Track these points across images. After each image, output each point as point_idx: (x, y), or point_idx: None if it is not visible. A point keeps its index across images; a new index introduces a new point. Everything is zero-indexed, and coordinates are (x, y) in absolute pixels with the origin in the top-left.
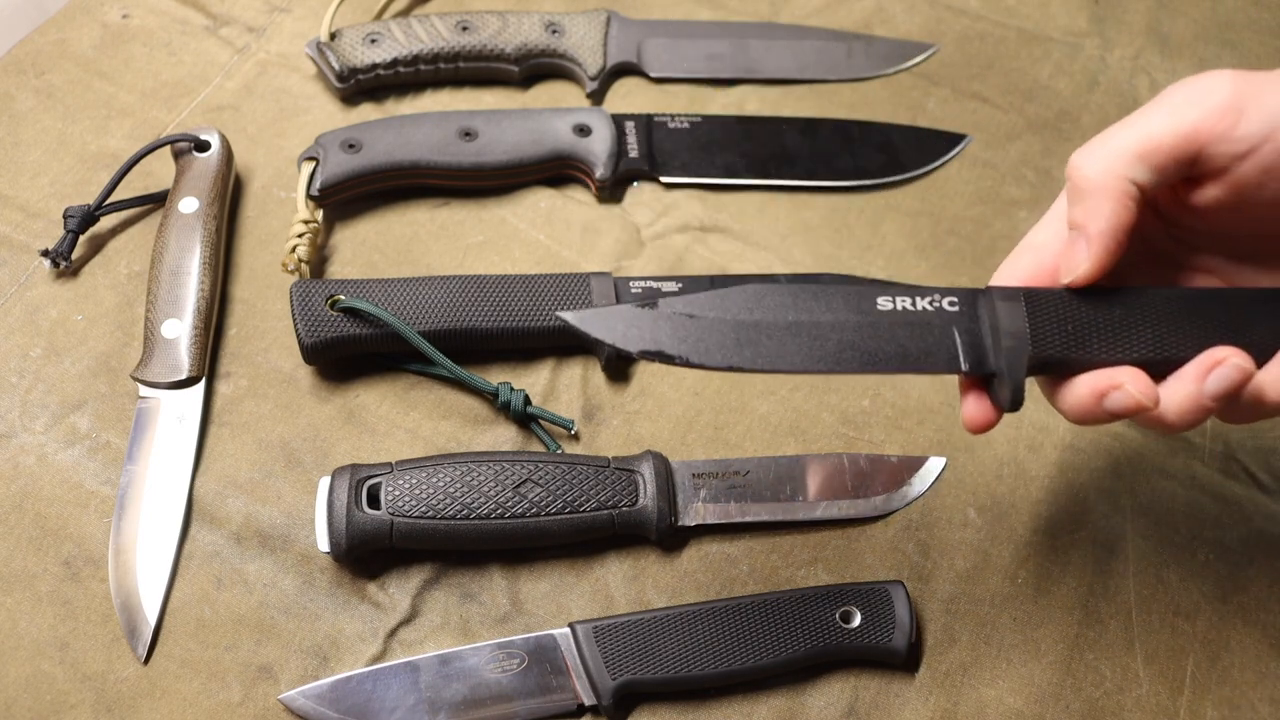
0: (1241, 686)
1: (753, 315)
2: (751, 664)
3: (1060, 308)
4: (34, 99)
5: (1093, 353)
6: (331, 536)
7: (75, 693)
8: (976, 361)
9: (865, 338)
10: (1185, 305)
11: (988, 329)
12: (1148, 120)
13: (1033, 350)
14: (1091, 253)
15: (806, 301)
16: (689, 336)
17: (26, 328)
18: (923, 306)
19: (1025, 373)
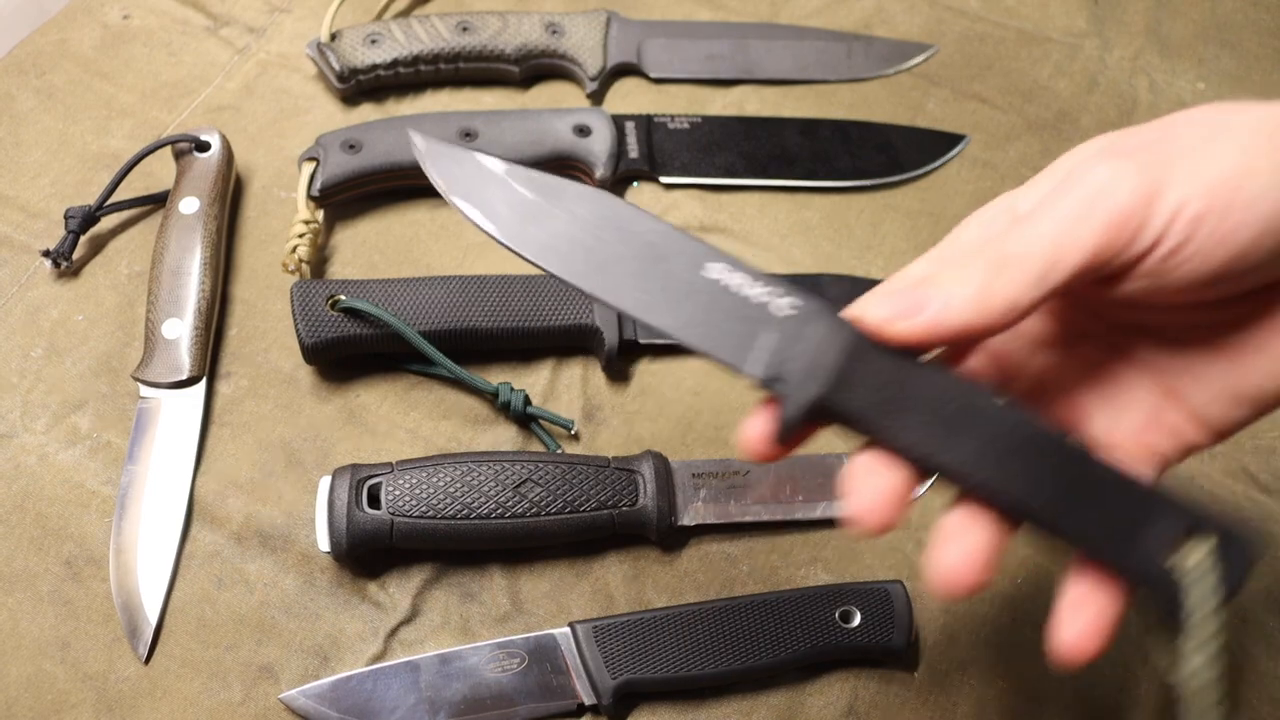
0: (1241, 688)
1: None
2: (751, 664)
3: (889, 365)
4: (35, 99)
5: (894, 431)
6: (332, 536)
7: (76, 692)
8: (768, 376)
9: (675, 294)
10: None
11: (802, 349)
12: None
13: (827, 391)
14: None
15: (639, 230)
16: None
17: (28, 328)
18: (754, 294)
19: (804, 415)
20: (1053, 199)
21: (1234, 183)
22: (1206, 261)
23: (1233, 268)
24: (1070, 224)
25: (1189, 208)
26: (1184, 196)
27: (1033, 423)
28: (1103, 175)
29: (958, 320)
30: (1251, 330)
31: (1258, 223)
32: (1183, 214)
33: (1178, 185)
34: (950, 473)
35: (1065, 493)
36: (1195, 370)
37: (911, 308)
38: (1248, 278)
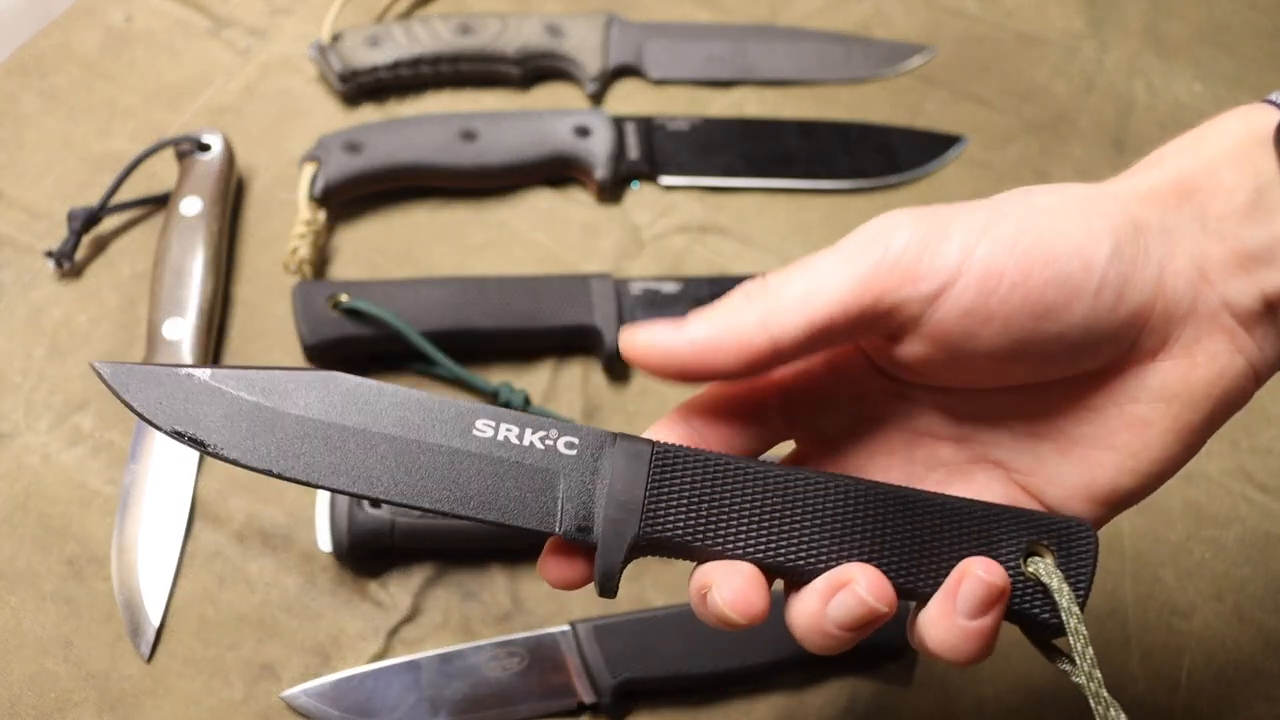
0: (1238, 685)
1: (317, 412)
2: (751, 663)
3: (697, 479)
4: (38, 101)
5: (724, 542)
6: (333, 535)
7: (79, 690)
8: (578, 528)
9: (448, 467)
10: (871, 505)
11: (600, 487)
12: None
13: (641, 530)
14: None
15: (388, 408)
16: (234, 422)
17: (30, 328)
18: (530, 441)
19: (624, 557)
20: (833, 247)
21: (1034, 239)
22: (1011, 323)
23: (1042, 328)
24: (835, 262)
25: (984, 260)
26: (972, 247)
27: (853, 487)
28: (880, 223)
29: (705, 334)
30: (1096, 424)
31: (1060, 281)
32: (975, 264)
33: (962, 236)
34: (788, 569)
35: (917, 550)
36: (1047, 470)
37: (670, 326)
38: (1062, 355)
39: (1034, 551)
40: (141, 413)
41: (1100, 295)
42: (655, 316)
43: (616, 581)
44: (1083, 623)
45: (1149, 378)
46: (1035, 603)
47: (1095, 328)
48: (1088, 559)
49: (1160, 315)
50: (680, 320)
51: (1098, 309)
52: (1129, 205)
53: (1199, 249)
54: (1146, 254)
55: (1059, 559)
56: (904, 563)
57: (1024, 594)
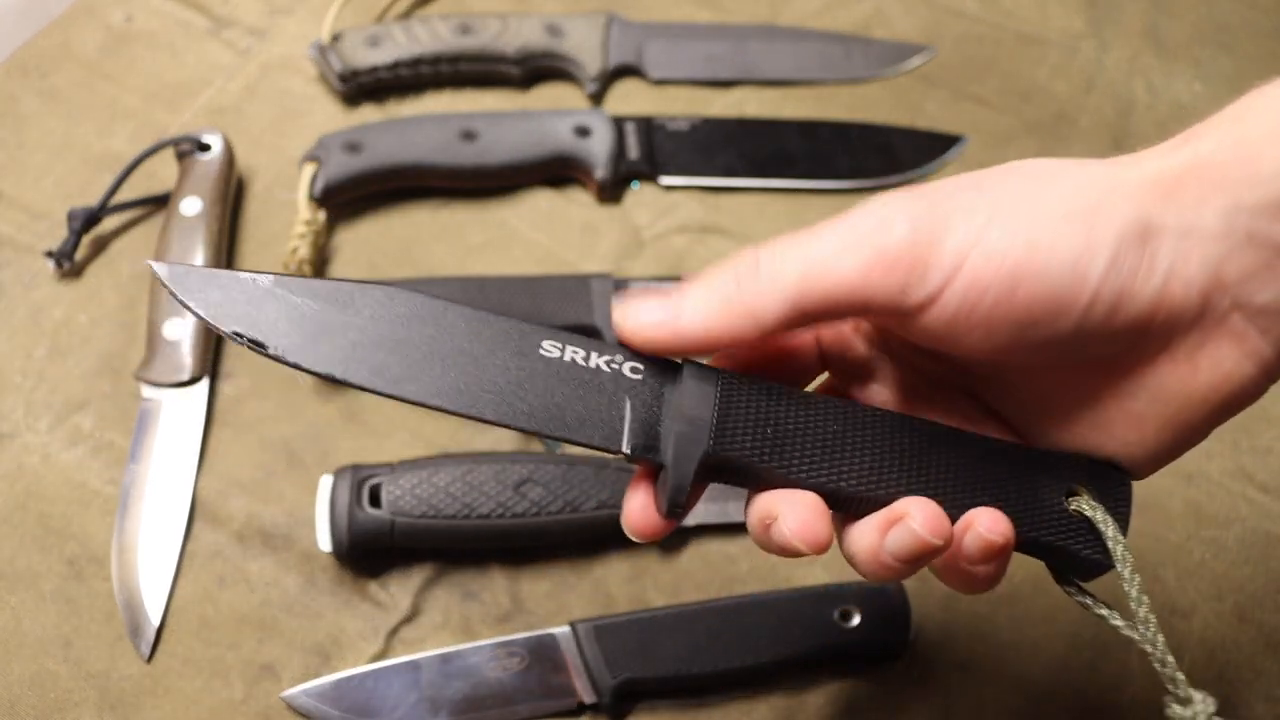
0: (1238, 685)
1: (385, 323)
2: (751, 663)
3: (762, 404)
4: (38, 101)
5: (789, 467)
6: (333, 535)
7: (79, 690)
8: (644, 445)
9: (515, 384)
10: (921, 440)
11: (668, 410)
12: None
13: (711, 446)
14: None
15: (455, 322)
16: (300, 328)
17: (30, 328)
18: (596, 364)
19: (694, 473)
20: (833, 224)
21: (1024, 250)
22: (995, 329)
23: (1025, 337)
24: (835, 254)
25: (970, 273)
26: (963, 257)
27: (909, 422)
28: (880, 213)
29: (700, 330)
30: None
31: (1048, 295)
32: (962, 277)
33: (956, 242)
34: (847, 495)
35: (965, 485)
36: (1046, 439)
37: (666, 317)
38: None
39: (1073, 491)
40: (200, 313)
41: (1091, 309)
42: None
43: (685, 498)
44: (1129, 550)
45: (1148, 378)
46: (1079, 539)
47: (1085, 337)
48: (1124, 501)
49: (1161, 323)
50: (671, 301)
51: (1089, 321)
52: (1147, 200)
53: (1219, 250)
54: (1152, 262)
55: (1097, 497)
56: (956, 496)
57: (1068, 530)
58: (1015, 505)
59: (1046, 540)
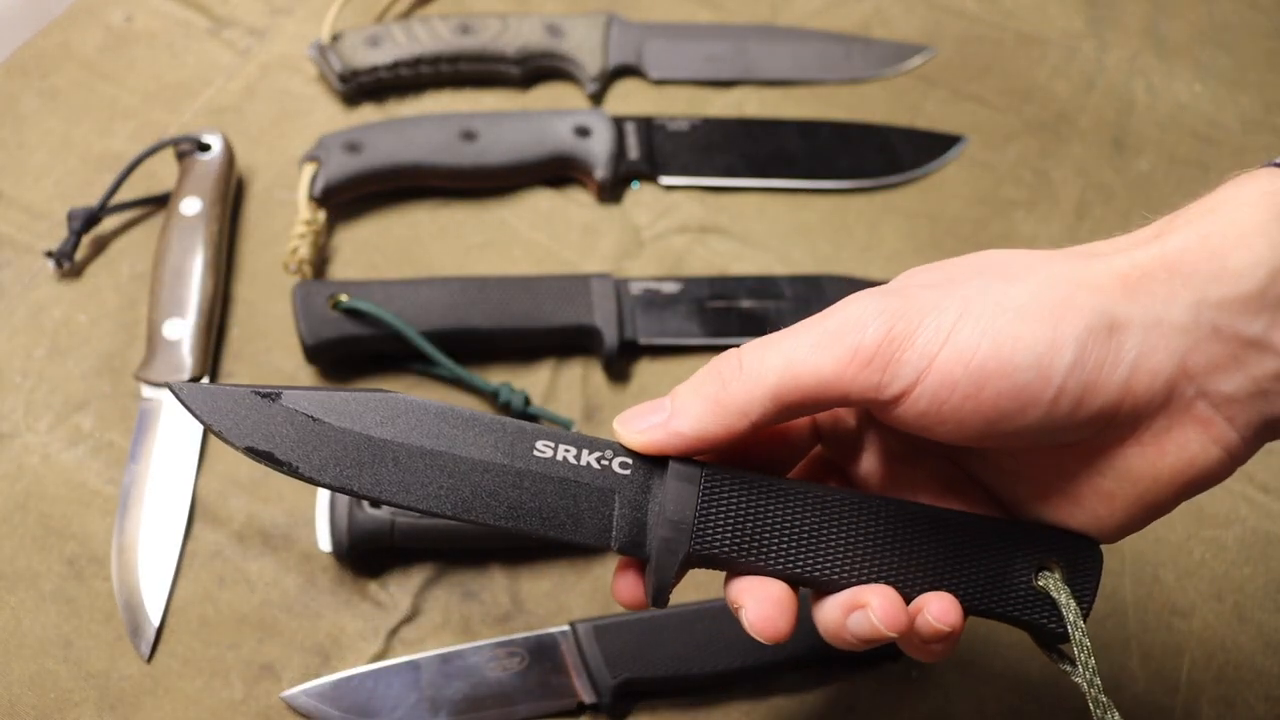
0: (1237, 685)
1: (385, 432)
2: (751, 663)
3: (742, 501)
4: (38, 101)
5: (764, 560)
6: (333, 536)
7: (79, 690)
8: (631, 542)
9: (510, 486)
10: (895, 523)
11: (654, 508)
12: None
13: (691, 547)
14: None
15: (451, 429)
16: (306, 441)
17: (30, 328)
18: (587, 462)
19: (676, 572)
20: (810, 322)
21: (995, 356)
22: (965, 422)
23: (995, 429)
24: (812, 350)
25: (939, 372)
26: (933, 356)
27: (883, 506)
28: (855, 312)
29: (693, 430)
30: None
31: (1014, 392)
32: (932, 375)
33: (927, 342)
34: (819, 581)
35: (934, 566)
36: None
37: (659, 421)
38: (1022, 443)
39: (1044, 566)
40: (219, 432)
41: (1057, 403)
42: (655, 316)
43: (668, 594)
44: (1086, 635)
45: (1116, 460)
46: (1043, 614)
47: (1051, 428)
48: (1093, 574)
49: (1128, 412)
50: (665, 409)
51: (1055, 414)
52: (1114, 295)
53: (1185, 343)
54: (1117, 356)
55: (1066, 574)
56: (924, 576)
57: (1033, 605)
58: (984, 583)
59: (1013, 615)
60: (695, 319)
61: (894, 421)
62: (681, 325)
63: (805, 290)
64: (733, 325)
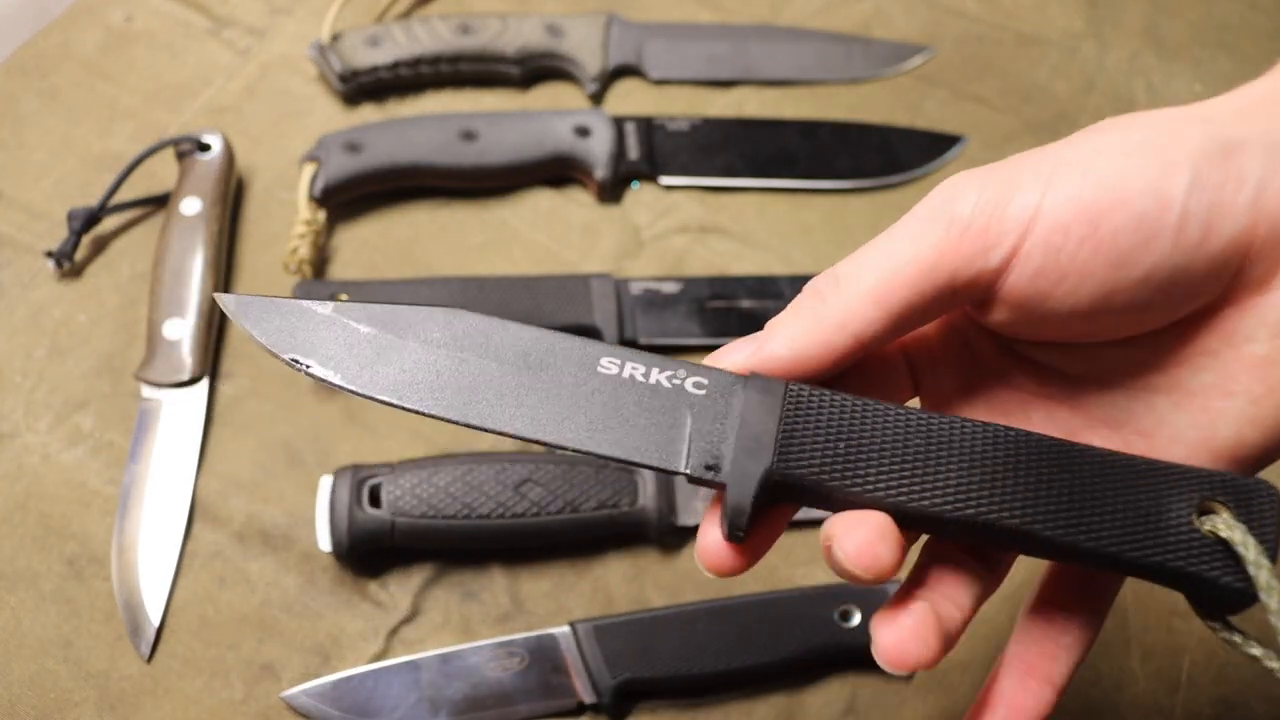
0: (1237, 685)
1: (444, 348)
2: (751, 663)
3: (834, 417)
4: (38, 101)
5: (864, 486)
6: (333, 536)
7: (79, 690)
8: (705, 465)
9: (574, 405)
10: (1020, 454)
11: (731, 426)
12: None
13: (774, 465)
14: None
15: (511, 341)
16: (356, 354)
17: (30, 328)
18: (657, 380)
19: (755, 492)
20: (901, 220)
21: (1098, 184)
22: (1089, 270)
23: (1123, 275)
24: (907, 240)
25: (1047, 217)
26: (1036, 205)
27: (1004, 434)
28: (945, 191)
29: (789, 350)
30: (1212, 369)
31: (1134, 223)
32: (1039, 223)
33: (1028, 190)
34: (933, 516)
35: (1074, 504)
36: (1166, 427)
37: (752, 349)
38: (1151, 292)
39: (1208, 509)
40: (263, 341)
41: (1183, 231)
42: (655, 316)
43: (746, 519)
44: (1275, 578)
45: (1265, 311)
46: (1214, 564)
47: (1184, 266)
48: (1271, 518)
49: (1266, 240)
50: (759, 338)
51: (1182, 246)
52: (1221, 126)
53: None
54: (1239, 176)
55: (1237, 516)
56: (1062, 516)
57: (1199, 555)
58: (1135, 525)
59: (1174, 566)
60: (695, 319)
61: (1010, 305)
62: (681, 325)
63: None
64: (733, 325)
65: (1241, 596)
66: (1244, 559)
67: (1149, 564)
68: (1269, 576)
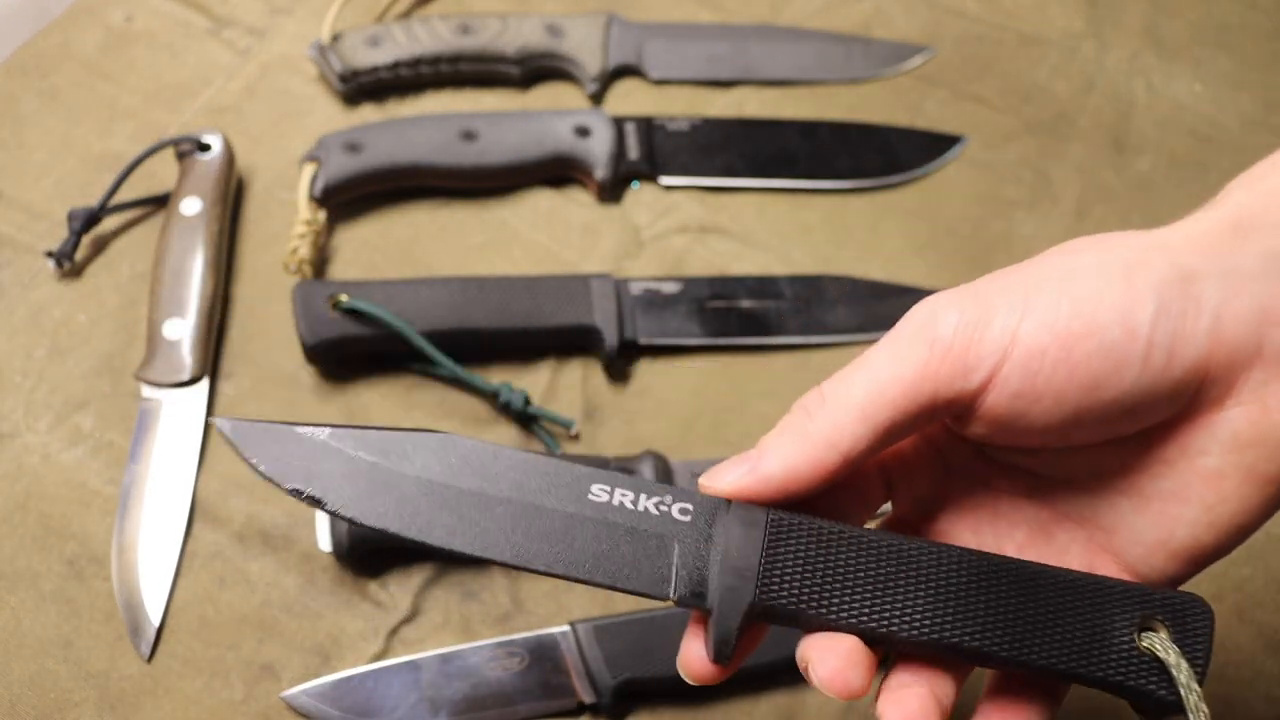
0: (1238, 685)
1: (439, 476)
2: (751, 663)
3: (811, 548)
4: (38, 101)
5: (837, 613)
6: (333, 536)
7: (79, 690)
8: (691, 593)
9: (565, 532)
10: (981, 576)
11: (715, 555)
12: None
13: (757, 596)
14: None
15: (505, 469)
16: (355, 483)
17: (31, 328)
18: (645, 508)
19: (740, 623)
20: (882, 340)
21: (1072, 312)
22: (1062, 395)
23: (1093, 399)
24: (890, 360)
25: (1024, 342)
26: (1014, 329)
27: (966, 558)
28: (924, 313)
29: (781, 468)
30: (1170, 477)
31: (1105, 352)
32: (1017, 347)
33: (1006, 314)
34: (897, 640)
35: (1024, 623)
36: (1126, 527)
37: (746, 468)
38: (1117, 414)
39: (1148, 626)
40: (263, 471)
41: (1150, 358)
42: (655, 316)
43: (732, 648)
44: (1203, 700)
45: (1218, 428)
46: (1150, 679)
47: (1150, 390)
48: (1204, 635)
49: (1221, 364)
50: (752, 457)
51: (1149, 372)
52: (1180, 254)
53: (1263, 288)
54: (1199, 305)
55: (1174, 634)
56: (1017, 637)
57: (1137, 669)
58: (1081, 643)
59: (1116, 680)
60: (695, 319)
61: (986, 421)
62: (681, 325)
63: (805, 290)
64: (733, 325)
65: (1175, 708)
66: (1176, 680)
67: (1094, 678)
68: (1197, 700)
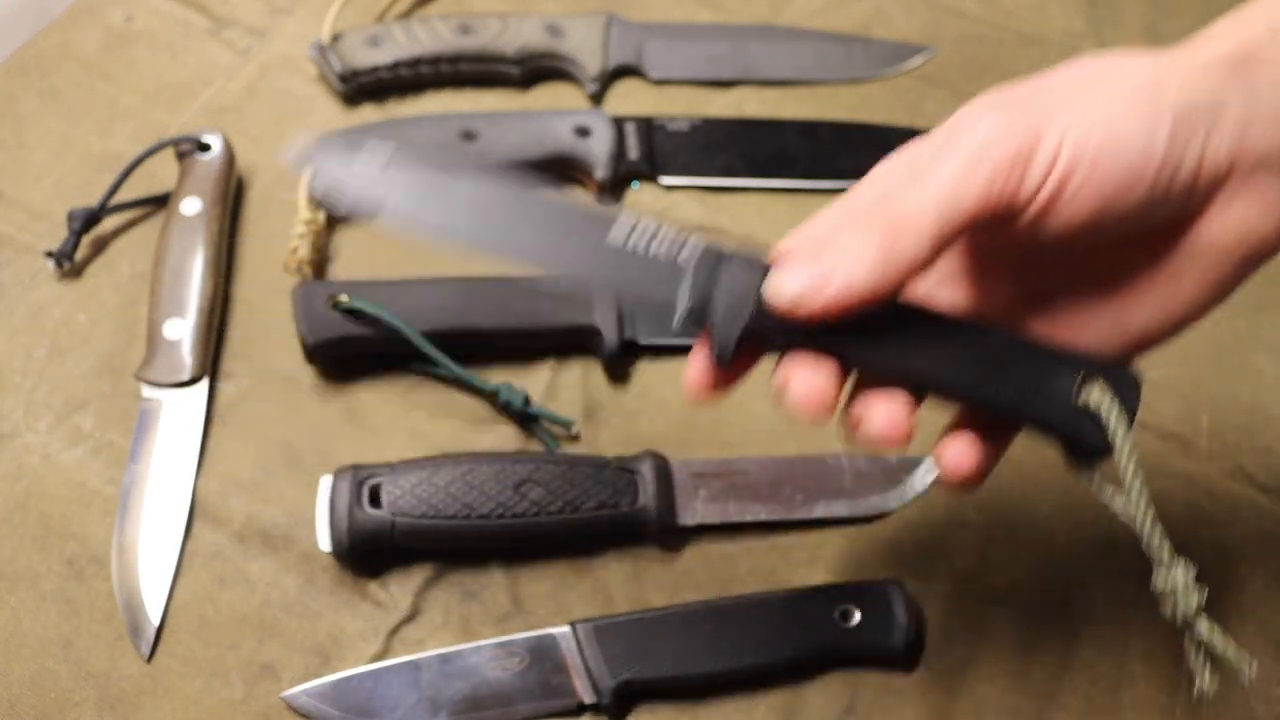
0: (1238, 685)
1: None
2: (750, 663)
3: None
4: (37, 101)
5: (818, 342)
6: (333, 536)
7: (79, 690)
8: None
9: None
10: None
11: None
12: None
13: (753, 318)
14: None
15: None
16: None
17: (30, 328)
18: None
19: (738, 335)
20: (943, 155)
21: (1104, 132)
22: (1081, 207)
23: (1106, 212)
24: (959, 180)
25: (1064, 154)
26: (1059, 143)
27: (940, 317)
28: (985, 129)
29: (862, 288)
30: (1136, 275)
31: (1124, 170)
32: (1059, 161)
33: (1053, 134)
34: (874, 366)
35: (982, 364)
36: (1088, 314)
37: (819, 282)
38: (1119, 223)
39: (1087, 382)
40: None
41: (1157, 179)
42: (655, 317)
43: (730, 354)
44: (1129, 439)
45: (1190, 238)
46: (1084, 428)
47: (1150, 207)
48: (1133, 395)
49: (1203, 184)
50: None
51: (1154, 192)
52: (1186, 84)
53: (1243, 116)
54: (1194, 132)
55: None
56: (971, 374)
57: (1075, 419)
58: (1029, 387)
59: (1053, 423)
60: None
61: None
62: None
63: None
64: None
65: (1106, 451)
66: (1105, 421)
67: (1037, 418)
68: (1123, 436)
